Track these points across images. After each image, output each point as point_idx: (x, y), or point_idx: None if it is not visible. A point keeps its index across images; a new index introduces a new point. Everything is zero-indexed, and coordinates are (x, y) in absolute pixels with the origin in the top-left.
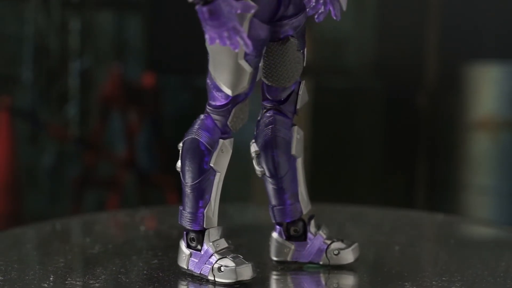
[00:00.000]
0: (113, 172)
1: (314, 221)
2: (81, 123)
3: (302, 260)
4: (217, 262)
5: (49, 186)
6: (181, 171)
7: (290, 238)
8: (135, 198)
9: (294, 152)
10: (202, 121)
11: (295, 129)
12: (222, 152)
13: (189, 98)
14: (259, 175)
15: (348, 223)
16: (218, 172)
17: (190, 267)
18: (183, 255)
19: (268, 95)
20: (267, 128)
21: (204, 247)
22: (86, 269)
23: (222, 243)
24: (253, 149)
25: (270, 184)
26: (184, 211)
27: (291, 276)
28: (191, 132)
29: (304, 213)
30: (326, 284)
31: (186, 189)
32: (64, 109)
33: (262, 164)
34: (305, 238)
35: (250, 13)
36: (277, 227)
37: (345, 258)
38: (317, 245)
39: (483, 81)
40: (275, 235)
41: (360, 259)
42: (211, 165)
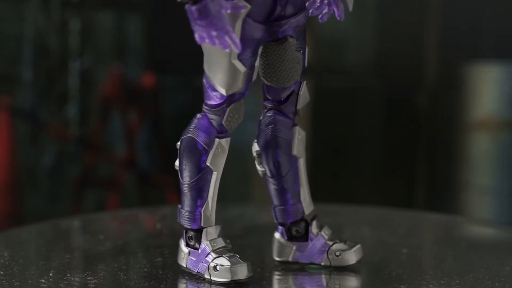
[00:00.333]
0: (113, 172)
1: (316, 222)
2: (81, 123)
3: (303, 261)
4: (213, 261)
5: (49, 186)
6: (179, 170)
7: (292, 239)
8: (135, 198)
9: (296, 153)
10: (199, 121)
11: (296, 130)
12: (218, 151)
13: (189, 98)
14: (261, 175)
15: (360, 225)
16: (215, 171)
17: (189, 266)
18: (182, 254)
19: (268, 95)
20: (267, 128)
21: (202, 246)
22: (88, 266)
23: (219, 242)
24: (255, 149)
25: (272, 184)
26: (183, 210)
27: (291, 276)
28: (188, 131)
29: (306, 214)
30: (327, 285)
31: (184, 188)
32: (64, 109)
33: (263, 164)
34: (307, 239)
35: (241, 13)
36: (279, 227)
37: (347, 260)
38: (319, 246)
39: (483, 81)
40: (277, 235)
41: (365, 261)
42: (208, 164)
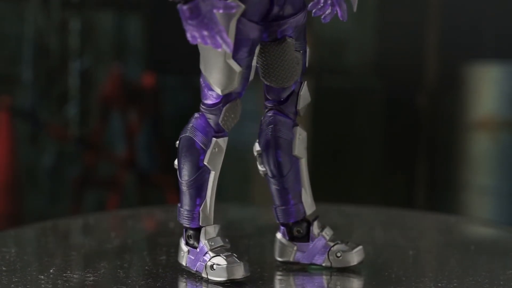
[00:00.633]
0: (113, 172)
1: (318, 222)
2: (81, 123)
3: (305, 261)
4: (211, 260)
5: (49, 186)
6: (178, 169)
7: (293, 239)
8: (135, 198)
9: (296, 153)
10: (196, 120)
11: (297, 130)
12: (215, 151)
13: (189, 98)
14: (262, 175)
15: (362, 225)
16: (213, 171)
17: (188, 264)
18: (182, 252)
19: (268, 95)
20: (268, 128)
21: (200, 245)
22: (90, 264)
23: (217, 241)
24: (256, 149)
25: (273, 185)
26: (182, 209)
27: (290, 277)
28: (186, 130)
29: (308, 214)
30: (328, 286)
31: (183, 187)
32: (64, 109)
33: (264, 164)
34: (308, 239)
35: (233, 13)
36: (281, 228)
37: (348, 261)
38: (319, 247)
39: (483, 81)
40: (279, 236)
41: (367, 262)
42: (205, 163)
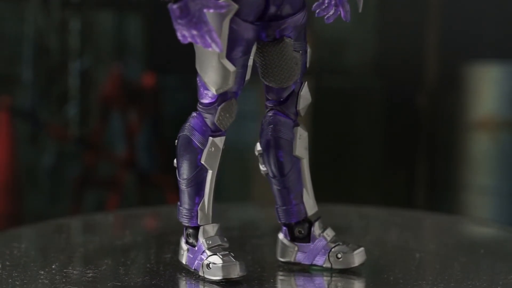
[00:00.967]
0: (113, 172)
1: (320, 223)
2: (81, 123)
3: (306, 262)
4: (207, 259)
5: (49, 186)
6: (177, 168)
7: (295, 239)
8: (135, 198)
9: (297, 153)
10: (193, 119)
11: (298, 130)
12: (212, 150)
13: (189, 98)
14: (264, 175)
15: (364, 225)
16: (210, 170)
17: (187, 263)
18: (182, 251)
19: (268, 95)
20: (268, 128)
21: (198, 243)
22: (93, 261)
23: (215, 240)
24: (257, 149)
25: (274, 185)
26: (181, 208)
27: (289, 277)
28: (184, 129)
29: (309, 215)
30: (328, 287)
31: (181, 186)
32: (64, 109)
33: (265, 164)
34: (309, 240)
35: (223, 12)
36: (283, 228)
37: (348, 262)
38: (320, 248)
39: (483, 81)
40: (281, 236)
41: (369, 263)
42: (202, 162)
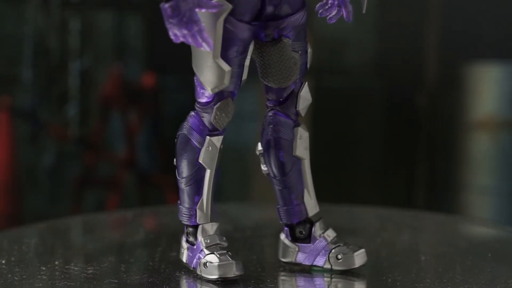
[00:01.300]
0: (113, 172)
1: (321, 224)
2: (81, 123)
3: (306, 263)
4: (205, 258)
5: (49, 186)
6: (176, 166)
7: (296, 240)
8: (135, 198)
9: (298, 153)
10: (191, 118)
11: (298, 130)
12: (209, 149)
13: (189, 98)
14: (265, 175)
15: (365, 226)
16: (208, 169)
17: (187, 261)
18: (182, 249)
19: (268, 95)
20: (268, 128)
21: (197, 242)
22: (97, 258)
23: (213, 239)
24: (258, 149)
25: (275, 185)
26: (181, 206)
27: (286, 277)
28: (182, 128)
29: (310, 216)
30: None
31: (181, 185)
32: (64, 109)
33: (266, 164)
34: (310, 241)
35: (215, 12)
36: (285, 228)
37: (348, 264)
38: (320, 248)
39: (483, 81)
40: (282, 236)
41: (374, 265)
42: (200, 162)
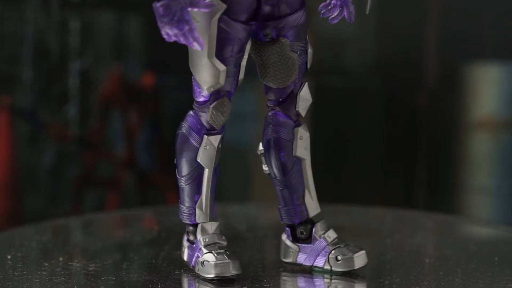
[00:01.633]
0: (113, 172)
1: (322, 224)
2: (81, 123)
3: (307, 263)
4: (202, 256)
5: (49, 186)
6: (176, 165)
7: (297, 240)
8: (135, 198)
9: (298, 154)
10: (190, 117)
11: (298, 130)
12: (206, 148)
13: (189, 98)
14: (267, 175)
15: (367, 226)
16: (206, 168)
17: (187, 259)
18: (183, 248)
19: (268, 95)
20: (268, 128)
21: (196, 241)
22: (101, 256)
23: (211, 238)
24: (259, 149)
25: (276, 185)
26: (181, 205)
27: (285, 277)
28: (181, 127)
29: (311, 216)
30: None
31: (181, 183)
32: (64, 109)
33: (267, 164)
34: (311, 241)
35: (207, 11)
36: (287, 229)
37: (348, 265)
38: (320, 249)
39: (483, 81)
40: (284, 237)
41: (376, 266)
42: (198, 161)
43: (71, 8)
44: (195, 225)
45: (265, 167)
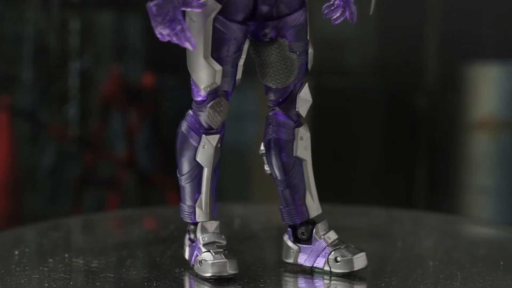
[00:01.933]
0: (113, 172)
1: (323, 225)
2: (81, 123)
3: (307, 264)
4: (201, 255)
5: (49, 186)
6: (176, 164)
7: (298, 241)
8: (135, 198)
9: (298, 154)
10: (189, 117)
11: (298, 131)
12: (204, 148)
13: (189, 98)
14: (268, 175)
15: (368, 226)
16: (205, 167)
17: (188, 258)
18: (185, 246)
19: (268, 95)
20: (268, 128)
21: (196, 239)
22: (106, 253)
23: (210, 237)
24: (261, 149)
25: (277, 185)
26: (182, 204)
27: (285, 278)
28: (181, 126)
29: (312, 217)
30: None
31: (181, 182)
32: (64, 109)
33: (268, 164)
34: (311, 242)
35: (200, 12)
36: (288, 229)
37: (347, 266)
38: (320, 250)
39: (483, 81)
40: (285, 237)
41: (377, 268)
42: (197, 160)
43: (71, 8)
44: (196, 224)
45: (267, 167)
